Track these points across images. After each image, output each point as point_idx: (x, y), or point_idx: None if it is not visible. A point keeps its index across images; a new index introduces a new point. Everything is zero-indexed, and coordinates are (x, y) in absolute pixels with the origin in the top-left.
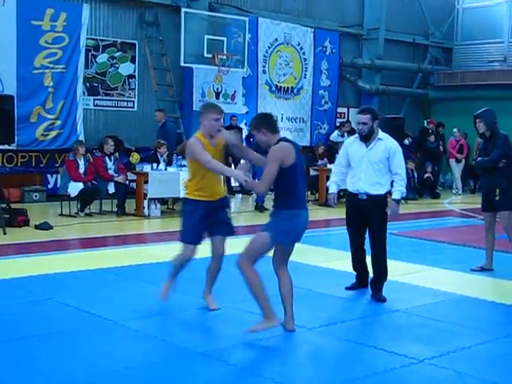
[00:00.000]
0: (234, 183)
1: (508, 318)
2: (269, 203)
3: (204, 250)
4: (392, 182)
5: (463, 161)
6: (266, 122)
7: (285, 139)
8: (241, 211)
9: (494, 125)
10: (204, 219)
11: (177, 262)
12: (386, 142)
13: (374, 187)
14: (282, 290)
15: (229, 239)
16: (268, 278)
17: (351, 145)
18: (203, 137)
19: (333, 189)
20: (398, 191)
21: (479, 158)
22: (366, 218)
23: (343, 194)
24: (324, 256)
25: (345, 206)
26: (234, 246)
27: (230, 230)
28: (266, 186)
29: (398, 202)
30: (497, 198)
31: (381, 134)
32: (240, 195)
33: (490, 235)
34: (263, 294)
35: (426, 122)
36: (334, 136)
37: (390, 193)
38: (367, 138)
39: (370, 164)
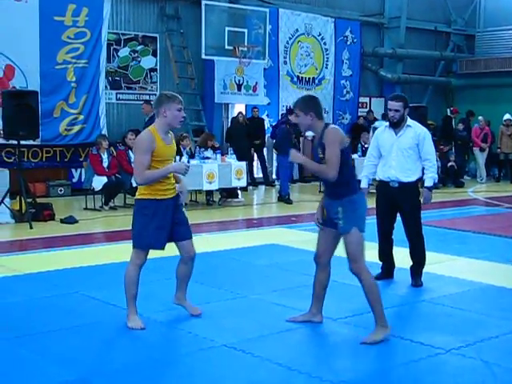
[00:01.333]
0: (256, 174)
1: None
2: (293, 195)
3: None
4: (423, 169)
5: (487, 149)
6: (316, 106)
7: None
8: (265, 202)
9: None
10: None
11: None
12: (415, 129)
13: (405, 174)
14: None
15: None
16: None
17: (381, 134)
18: (157, 132)
19: (364, 184)
20: (430, 178)
21: None
22: (398, 207)
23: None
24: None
25: (373, 196)
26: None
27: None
28: (336, 169)
29: (430, 189)
30: None
31: (410, 121)
32: (263, 186)
33: None
34: (381, 301)
35: (449, 110)
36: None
37: (421, 180)
38: (397, 124)
39: (400, 151)
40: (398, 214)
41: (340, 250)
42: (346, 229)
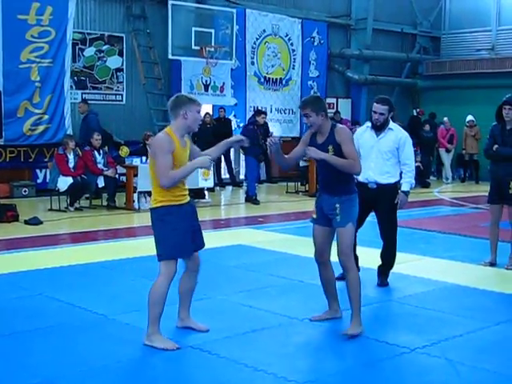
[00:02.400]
0: (223, 175)
1: (498, 306)
2: (260, 196)
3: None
4: (401, 173)
5: (453, 150)
6: (324, 106)
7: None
8: (232, 203)
9: None
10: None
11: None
12: (396, 133)
13: (384, 176)
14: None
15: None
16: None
17: (362, 134)
18: (174, 134)
19: None
20: (407, 182)
21: (496, 146)
22: (373, 209)
23: None
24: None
25: None
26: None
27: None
28: (360, 163)
29: (406, 193)
30: (510, 191)
31: (392, 124)
32: (230, 187)
33: (495, 228)
34: (360, 300)
35: (415, 111)
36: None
37: (398, 183)
38: (380, 127)
39: (380, 153)
40: (373, 216)
41: (307, 251)
42: (342, 223)
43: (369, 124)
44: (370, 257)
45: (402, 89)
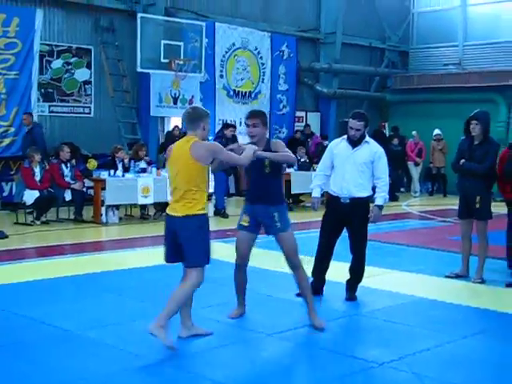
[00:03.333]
0: None
1: (465, 319)
2: (230, 209)
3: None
4: (373, 187)
5: (421, 164)
6: (267, 122)
7: None
8: None
9: (488, 129)
10: None
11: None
12: (371, 146)
13: (357, 188)
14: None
15: None
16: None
17: (337, 145)
18: None
19: (316, 193)
20: (381, 197)
21: (462, 161)
22: (346, 223)
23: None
24: (282, 261)
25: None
26: None
27: None
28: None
29: (380, 207)
30: (477, 206)
31: (368, 138)
32: None
33: (466, 242)
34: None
35: (378, 125)
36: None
37: (371, 198)
38: (358, 142)
39: (355, 165)
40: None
41: (275, 265)
42: (284, 228)
43: (345, 136)
44: (338, 270)
45: (370, 102)
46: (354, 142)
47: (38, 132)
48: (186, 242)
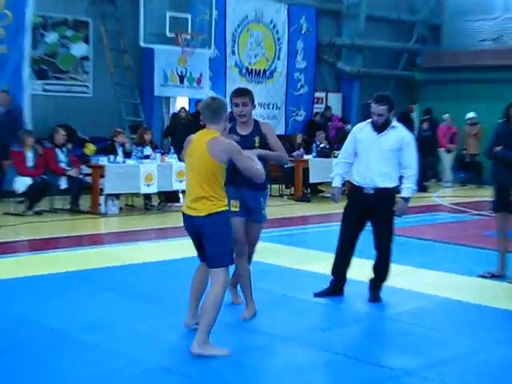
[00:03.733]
0: None
1: (500, 323)
2: None
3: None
4: (400, 177)
5: (454, 151)
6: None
7: None
8: None
9: None
10: None
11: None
12: (399, 132)
13: (382, 178)
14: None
15: None
16: None
17: (360, 130)
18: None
19: (337, 182)
20: (408, 188)
21: (498, 148)
22: (369, 216)
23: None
24: (299, 257)
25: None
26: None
27: None
28: (286, 153)
29: (407, 200)
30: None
31: (395, 122)
32: None
33: (503, 238)
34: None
35: (406, 107)
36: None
37: (398, 189)
38: (383, 128)
39: (381, 152)
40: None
41: (292, 261)
42: (265, 217)
43: (370, 120)
44: (360, 268)
45: (397, 82)
46: (380, 127)
47: (19, 114)
48: (210, 241)
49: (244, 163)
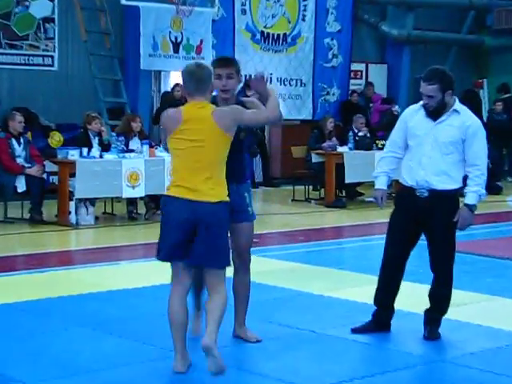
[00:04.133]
0: None
1: None
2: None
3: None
4: (465, 177)
5: None
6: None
7: None
8: None
9: None
10: None
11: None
12: (463, 118)
13: (440, 178)
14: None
15: None
16: None
17: (412, 115)
18: None
19: (381, 183)
20: (474, 192)
21: None
22: (424, 226)
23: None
24: (332, 281)
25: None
26: None
27: None
28: None
29: (472, 207)
30: None
31: (458, 105)
32: None
33: None
34: None
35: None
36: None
37: (461, 192)
38: (437, 113)
39: (438, 145)
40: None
41: (322, 287)
42: (254, 216)
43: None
44: (412, 296)
45: (461, 50)
46: (434, 112)
47: None
48: (215, 237)
49: (249, 116)
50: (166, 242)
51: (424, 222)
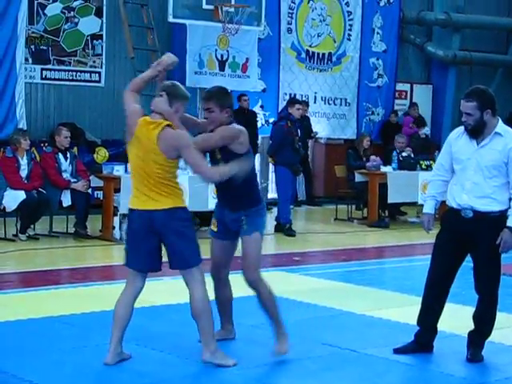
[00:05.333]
0: None
1: None
2: (296, 224)
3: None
4: (510, 199)
5: None
6: (231, 102)
7: None
8: None
9: None
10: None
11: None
12: (506, 140)
13: (483, 201)
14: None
15: None
16: None
17: (456, 140)
18: None
19: (429, 208)
20: None
21: None
22: (469, 248)
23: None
24: (374, 300)
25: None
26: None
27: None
28: None
29: None
30: None
31: (501, 126)
32: None
33: None
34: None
35: None
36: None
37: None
38: (475, 132)
39: (480, 169)
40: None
41: (364, 306)
42: (248, 231)
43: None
44: (456, 317)
45: (508, 70)
46: (475, 133)
47: None
48: (180, 239)
49: (192, 158)
50: (131, 251)
51: (469, 244)
